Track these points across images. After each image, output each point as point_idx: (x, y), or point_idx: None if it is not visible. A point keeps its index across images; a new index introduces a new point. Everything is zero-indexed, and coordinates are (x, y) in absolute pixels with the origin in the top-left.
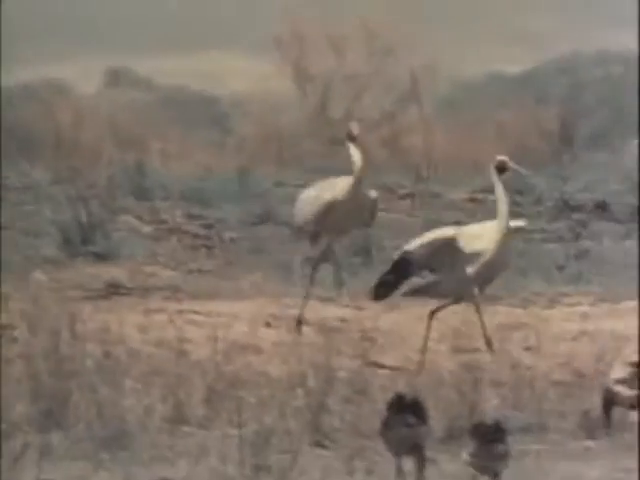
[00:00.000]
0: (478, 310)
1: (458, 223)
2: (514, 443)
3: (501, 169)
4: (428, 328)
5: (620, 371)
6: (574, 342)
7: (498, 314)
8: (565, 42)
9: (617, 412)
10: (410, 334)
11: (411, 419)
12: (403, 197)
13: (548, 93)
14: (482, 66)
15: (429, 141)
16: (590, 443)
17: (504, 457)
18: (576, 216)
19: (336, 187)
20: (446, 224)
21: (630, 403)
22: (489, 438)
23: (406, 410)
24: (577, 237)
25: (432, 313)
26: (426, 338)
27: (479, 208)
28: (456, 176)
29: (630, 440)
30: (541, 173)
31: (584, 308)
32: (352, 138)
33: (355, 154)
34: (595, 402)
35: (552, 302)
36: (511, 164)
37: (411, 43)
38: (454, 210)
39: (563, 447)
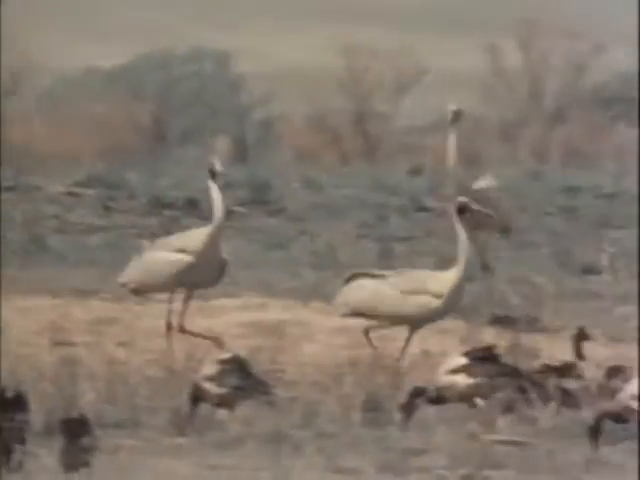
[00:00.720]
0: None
1: (57, 217)
2: (108, 437)
3: (462, 210)
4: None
5: (210, 368)
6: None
7: (94, 309)
8: (159, 37)
9: (205, 409)
10: (9, 327)
11: (14, 414)
12: (6, 190)
13: (143, 88)
14: (81, 60)
15: (29, 134)
16: (180, 440)
17: (90, 450)
18: (168, 212)
19: (189, 241)
20: (46, 218)
21: (217, 401)
22: (75, 432)
23: (9, 404)
24: (168, 233)
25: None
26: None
27: (78, 202)
28: (55, 169)
29: (216, 438)
30: (135, 168)
31: (174, 304)
32: (214, 175)
33: (217, 198)
34: (185, 399)
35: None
36: (473, 205)
37: (17, 36)
38: (54, 204)
39: (155, 443)
